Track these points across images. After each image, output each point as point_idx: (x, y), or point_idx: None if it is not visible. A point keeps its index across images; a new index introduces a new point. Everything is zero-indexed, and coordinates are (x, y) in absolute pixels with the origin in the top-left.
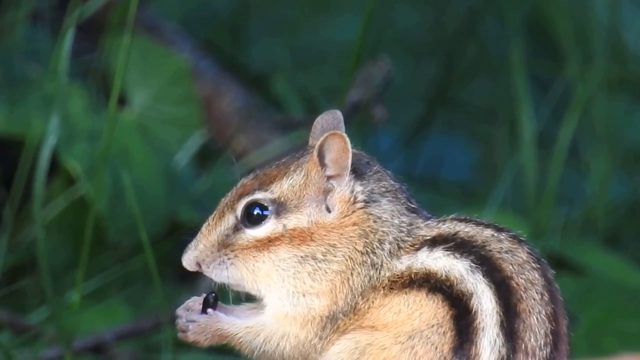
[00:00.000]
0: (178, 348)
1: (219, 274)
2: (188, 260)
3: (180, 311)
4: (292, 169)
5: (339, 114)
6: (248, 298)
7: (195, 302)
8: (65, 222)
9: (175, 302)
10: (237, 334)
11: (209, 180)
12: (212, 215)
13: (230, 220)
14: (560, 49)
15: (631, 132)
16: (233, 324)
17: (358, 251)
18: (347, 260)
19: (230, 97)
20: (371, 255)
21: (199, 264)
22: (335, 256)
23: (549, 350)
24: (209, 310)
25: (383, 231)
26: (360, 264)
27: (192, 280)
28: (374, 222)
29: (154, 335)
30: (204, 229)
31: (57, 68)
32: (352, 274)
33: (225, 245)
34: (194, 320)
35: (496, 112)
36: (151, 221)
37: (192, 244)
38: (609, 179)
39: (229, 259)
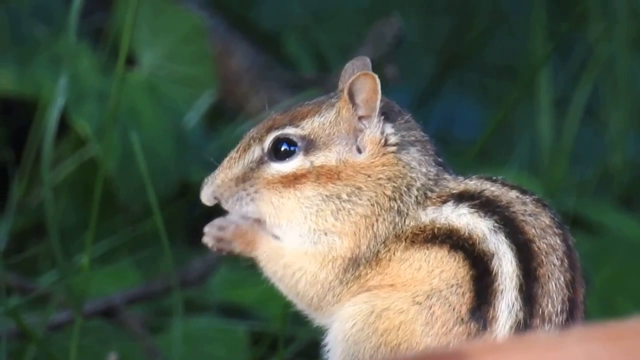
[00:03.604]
0: (189, 312)
1: (239, 209)
2: (205, 195)
3: (209, 226)
4: (323, 107)
5: (368, 60)
6: None
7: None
8: (75, 184)
9: (186, 265)
10: (268, 249)
11: (220, 141)
12: (236, 148)
13: (256, 152)
14: (580, 6)
15: None
16: (268, 238)
17: (386, 196)
18: (373, 205)
19: (239, 56)
20: (398, 201)
21: (217, 198)
22: (360, 199)
23: (564, 317)
24: (249, 220)
25: (411, 177)
26: (387, 209)
27: (203, 243)
28: (403, 167)
29: (164, 298)
30: (225, 162)
31: (66, 27)
32: (377, 219)
33: (247, 178)
34: (236, 221)
35: (512, 70)
36: (161, 182)
37: (210, 178)
38: (625, 137)
39: (255, 192)
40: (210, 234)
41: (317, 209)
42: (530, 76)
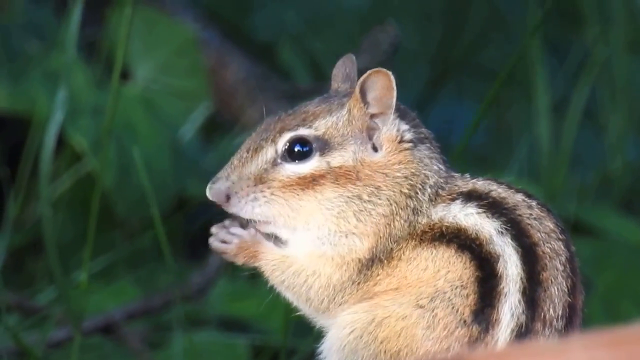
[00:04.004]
0: (189, 327)
1: (250, 210)
2: (217, 191)
3: (216, 228)
4: (334, 107)
5: (353, 57)
6: None
7: (232, 222)
8: (72, 199)
9: (185, 279)
10: (272, 259)
11: (216, 153)
12: (246, 148)
13: (269, 153)
14: (576, 10)
15: None
16: (272, 249)
17: (403, 194)
18: (391, 204)
19: (234, 68)
20: (414, 199)
21: (228, 196)
22: (379, 198)
23: (564, 322)
24: (251, 230)
25: (425, 174)
26: (403, 207)
27: (201, 256)
28: (417, 164)
29: (164, 313)
30: (235, 160)
31: (64, 42)
32: (394, 218)
33: (261, 180)
34: (240, 235)
35: (509, 74)
36: (159, 196)
37: (222, 175)
38: (625, 141)
39: (269, 194)
40: (213, 246)
41: (338, 210)
42: (522, 77)
